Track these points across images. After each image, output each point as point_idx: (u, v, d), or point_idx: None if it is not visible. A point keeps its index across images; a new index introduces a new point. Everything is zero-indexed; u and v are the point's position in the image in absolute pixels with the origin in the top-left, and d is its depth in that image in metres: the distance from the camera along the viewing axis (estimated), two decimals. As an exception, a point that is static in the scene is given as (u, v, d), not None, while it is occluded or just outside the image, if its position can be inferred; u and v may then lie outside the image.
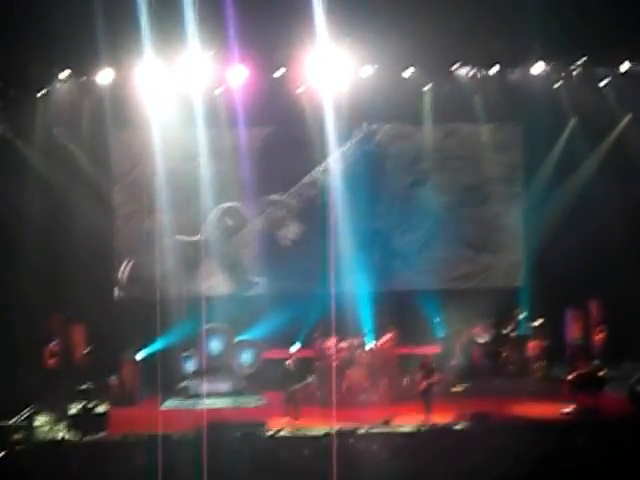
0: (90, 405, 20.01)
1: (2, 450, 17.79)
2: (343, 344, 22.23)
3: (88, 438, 18.93)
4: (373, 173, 24.61)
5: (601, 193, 24.12)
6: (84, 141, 23.48)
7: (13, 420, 19.32)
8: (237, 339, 23.25)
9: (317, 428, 19.29)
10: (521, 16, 21.08)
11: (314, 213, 23.97)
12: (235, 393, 21.77)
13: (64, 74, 22.18)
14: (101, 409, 20.06)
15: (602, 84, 23.51)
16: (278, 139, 24.47)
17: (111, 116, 22.88)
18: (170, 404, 22.00)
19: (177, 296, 23.28)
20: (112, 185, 23.78)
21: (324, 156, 23.87)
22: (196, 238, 24.25)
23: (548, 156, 24.70)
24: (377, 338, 22.43)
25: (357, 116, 23.81)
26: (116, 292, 24.01)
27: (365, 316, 22.94)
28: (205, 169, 23.74)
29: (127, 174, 23.55)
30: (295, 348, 23.41)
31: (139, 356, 22.65)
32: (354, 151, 24.54)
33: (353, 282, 23.81)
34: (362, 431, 18.73)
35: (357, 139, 24.51)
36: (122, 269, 23.83)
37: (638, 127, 24.14)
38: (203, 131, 23.23)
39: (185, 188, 23.67)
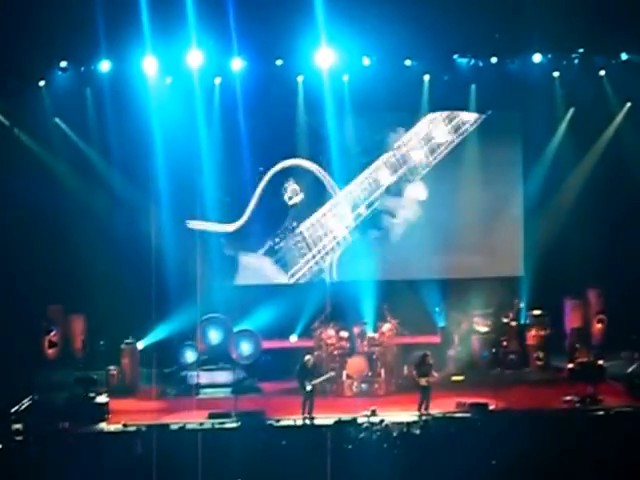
0: (90, 395, 20.03)
1: (2, 440, 17.82)
2: (343, 334, 22.25)
3: (88, 428, 18.93)
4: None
5: (601, 182, 24.13)
6: (85, 130, 23.41)
7: (12, 410, 19.34)
8: (236, 329, 23.24)
9: (318, 417, 19.36)
10: (520, 6, 21.06)
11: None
12: (234, 383, 21.72)
13: (63, 64, 22.11)
14: (101, 399, 20.07)
15: (601, 73, 23.45)
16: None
17: (111, 105, 22.81)
18: (170, 394, 22.01)
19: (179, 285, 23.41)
20: (112, 174, 23.71)
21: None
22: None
23: (547, 146, 24.66)
24: (377, 328, 22.45)
25: (357, 105, 23.76)
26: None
27: (365, 306, 22.96)
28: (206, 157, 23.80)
29: (129, 163, 23.48)
30: (293, 338, 23.49)
31: (139, 346, 22.66)
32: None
33: (354, 271, 23.89)
34: (362, 420, 18.76)
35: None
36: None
37: (637, 116, 24.09)
38: (203, 120, 23.29)
39: (186, 176, 23.69)
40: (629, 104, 24.22)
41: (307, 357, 20.23)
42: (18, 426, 18.63)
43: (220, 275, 23.93)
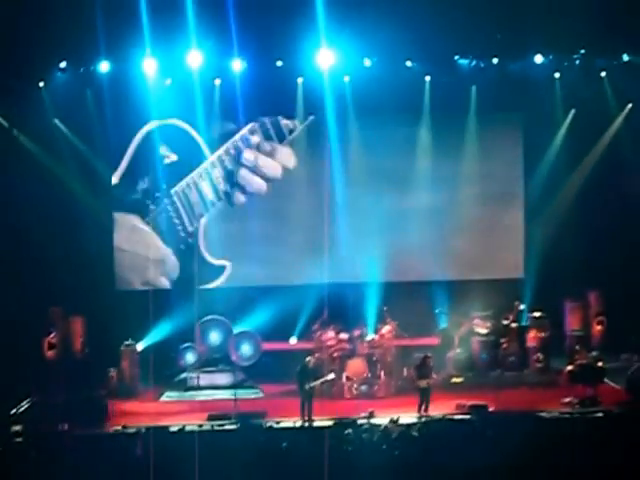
0: (89, 397, 20.02)
1: (1, 442, 17.81)
2: (343, 336, 22.24)
3: (87, 429, 18.91)
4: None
5: (602, 183, 24.12)
6: (84, 131, 23.39)
7: (12, 412, 19.33)
8: (236, 331, 23.22)
9: (317, 419, 19.35)
10: (521, 7, 21.05)
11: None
12: (234, 385, 21.70)
13: (63, 65, 22.09)
14: (100, 401, 20.06)
15: (602, 74, 23.43)
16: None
17: (110, 106, 22.81)
18: (169, 396, 22.00)
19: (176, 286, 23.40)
20: (112, 175, 23.71)
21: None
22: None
23: (549, 147, 24.64)
24: (377, 330, 22.44)
25: (359, 107, 23.76)
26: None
27: (365, 307, 22.93)
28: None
29: (127, 164, 23.48)
30: (293, 340, 23.48)
31: (138, 348, 22.65)
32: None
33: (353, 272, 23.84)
34: (361, 422, 18.74)
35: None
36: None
37: (638, 118, 24.06)
38: (202, 121, 23.29)
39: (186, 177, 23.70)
40: (630, 105, 24.19)
41: (308, 359, 20.23)
42: (18, 428, 18.67)
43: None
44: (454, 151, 24.45)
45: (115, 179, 23.42)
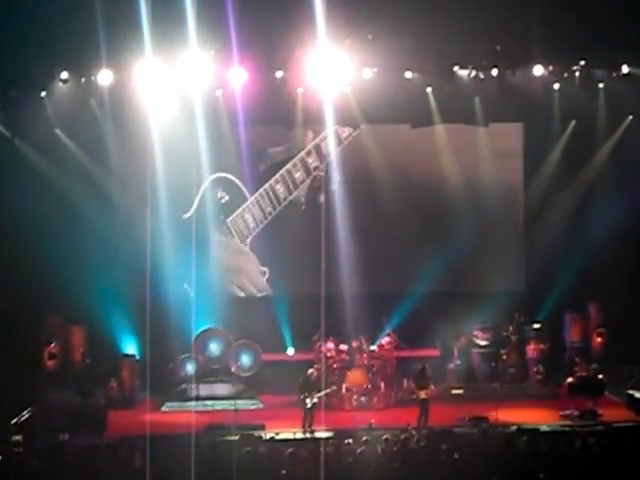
0: (89, 407, 20.01)
1: (2, 452, 17.80)
2: (342, 347, 22.24)
3: (87, 440, 18.90)
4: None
5: (601, 195, 24.16)
6: (85, 141, 23.43)
7: (13, 422, 19.32)
8: (236, 342, 23.20)
9: (317, 430, 19.33)
10: (521, 18, 21.10)
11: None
12: (234, 396, 21.70)
13: (64, 75, 22.13)
14: (100, 411, 20.04)
15: (601, 86, 23.48)
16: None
17: (111, 116, 22.86)
18: (169, 406, 21.99)
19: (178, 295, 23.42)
20: (112, 185, 23.74)
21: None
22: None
23: (548, 158, 24.69)
24: (376, 341, 22.44)
25: (358, 117, 23.82)
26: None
27: (364, 319, 22.92)
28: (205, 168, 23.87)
29: (128, 174, 23.50)
30: (291, 351, 23.48)
31: (138, 358, 22.63)
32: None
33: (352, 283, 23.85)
34: (360, 434, 18.71)
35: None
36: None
37: (638, 129, 24.10)
38: (203, 131, 23.31)
39: (186, 188, 23.74)
40: (630, 117, 24.23)
41: (310, 371, 20.23)
42: (18, 437, 18.61)
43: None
44: (454, 160, 24.48)
45: (189, 214, 24.53)
